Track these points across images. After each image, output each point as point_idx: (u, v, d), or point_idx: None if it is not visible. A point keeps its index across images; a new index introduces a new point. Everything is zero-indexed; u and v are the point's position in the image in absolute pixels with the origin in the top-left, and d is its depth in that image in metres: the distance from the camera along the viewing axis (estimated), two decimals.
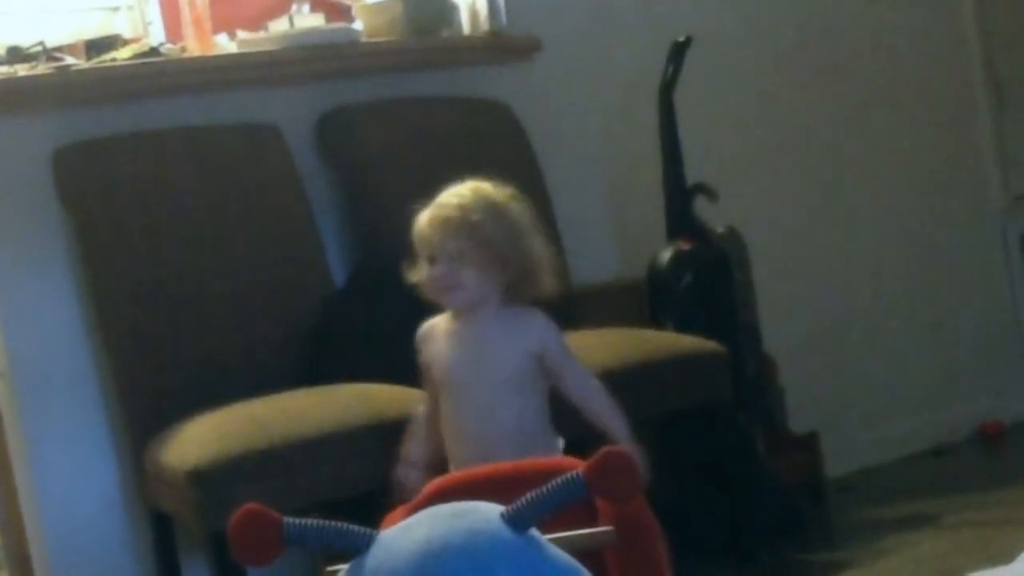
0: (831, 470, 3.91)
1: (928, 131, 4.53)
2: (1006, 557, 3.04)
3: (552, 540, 1.57)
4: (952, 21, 4.62)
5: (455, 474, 2.03)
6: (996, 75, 4.65)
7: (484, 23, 3.73)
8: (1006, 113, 4.66)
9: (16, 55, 3.15)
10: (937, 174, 4.54)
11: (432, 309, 2.67)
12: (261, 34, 3.49)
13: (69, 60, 3.18)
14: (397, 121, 3.52)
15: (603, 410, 2.65)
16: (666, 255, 3.59)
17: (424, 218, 2.56)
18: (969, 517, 3.48)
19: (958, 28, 4.63)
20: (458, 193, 2.56)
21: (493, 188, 2.57)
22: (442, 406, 2.62)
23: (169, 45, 3.35)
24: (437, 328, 2.62)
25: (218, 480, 2.67)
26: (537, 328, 2.61)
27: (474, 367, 2.56)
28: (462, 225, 2.51)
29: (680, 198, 3.66)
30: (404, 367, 2.75)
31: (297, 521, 1.50)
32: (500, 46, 3.74)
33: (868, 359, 4.33)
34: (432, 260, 2.54)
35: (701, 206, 3.68)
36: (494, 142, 3.61)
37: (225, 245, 3.17)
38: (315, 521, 1.51)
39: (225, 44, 3.43)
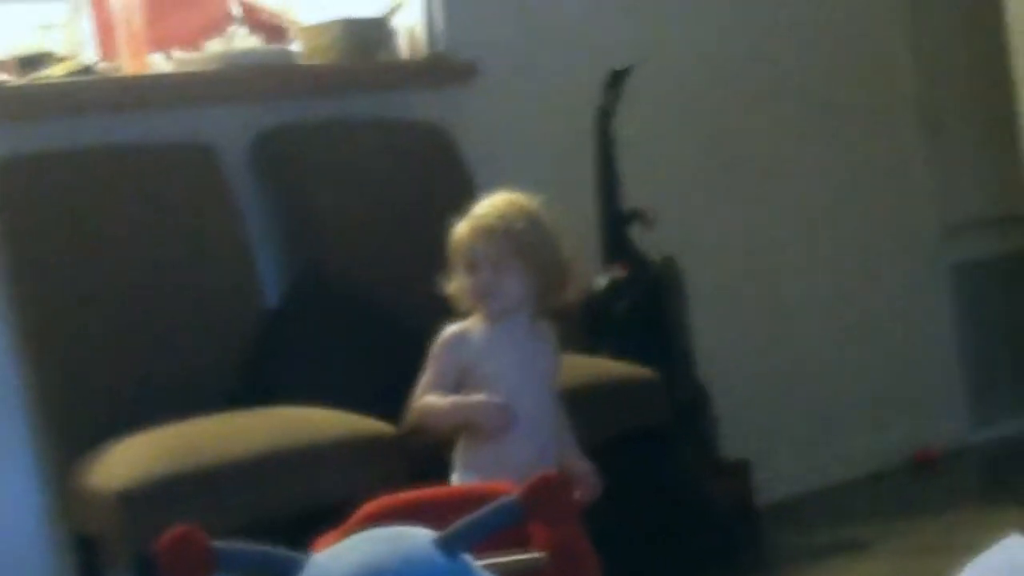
0: (763, 496, 3.92)
1: (863, 161, 4.57)
2: None
3: (485, 566, 1.56)
4: (887, 52, 4.67)
5: (388, 498, 2.01)
6: (930, 106, 4.70)
7: (423, 47, 3.73)
8: (940, 143, 4.70)
9: None
10: (872, 204, 4.58)
11: (362, 334, 2.66)
12: (197, 54, 3.47)
13: (1, 76, 3.14)
14: (333, 143, 3.50)
15: (564, 432, 2.70)
16: (602, 281, 3.60)
17: (464, 227, 2.59)
18: (901, 544, 3.50)
19: (893, 59, 4.68)
20: (494, 204, 2.60)
21: (526, 198, 2.62)
22: None
23: (103, 63, 3.32)
24: (471, 333, 2.62)
25: (147, 502, 2.63)
26: (555, 341, 2.68)
27: (522, 373, 2.59)
28: (505, 232, 2.55)
29: (616, 224, 3.67)
30: (338, 389, 2.74)
31: (227, 545, 1.48)
32: (438, 70, 3.74)
33: (801, 386, 4.35)
34: (472, 268, 2.57)
35: (637, 233, 3.69)
36: (431, 166, 3.60)
37: (157, 264, 3.14)
38: (246, 545, 1.49)
39: (160, 63, 3.40)
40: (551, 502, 1.57)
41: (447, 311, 3.46)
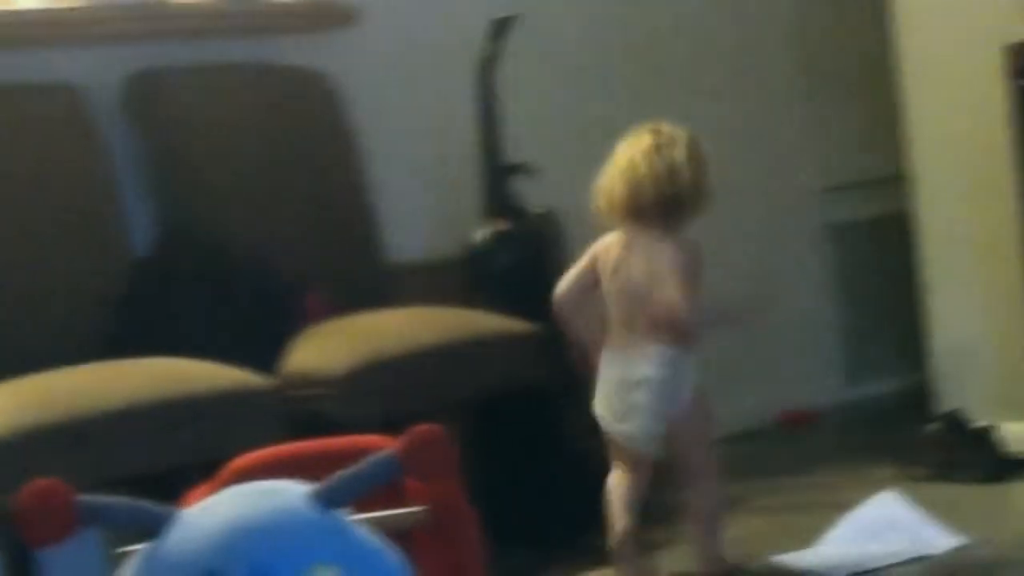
0: None
1: (742, 121, 4.58)
2: (810, 541, 3.09)
3: (362, 520, 1.53)
4: (768, 14, 4.68)
5: (262, 452, 1.97)
6: (809, 69, 4.73)
7: None
8: (817, 106, 4.74)
9: None
10: (751, 163, 4.60)
11: (235, 284, 2.61)
12: None
13: None
14: (209, 87, 3.43)
15: None
16: (483, 234, 3.57)
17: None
18: (774, 501, 3.52)
19: (774, 22, 4.70)
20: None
21: None
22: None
23: None
24: None
25: (11, 454, 2.55)
26: None
27: None
28: None
29: (498, 177, 3.63)
30: (209, 340, 2.68)
31: (93, 498, 1.43)
32: (318, 14, 3.67)
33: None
34: None
35: (520, 186, 3.65)
36: (310, 112, 3.54)
37: (20, 211, 3.04)
38: (112, 498, 1.45)
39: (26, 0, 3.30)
40: (429, 457, 1.55)
41: (322, 261, 3.43)
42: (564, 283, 2.99)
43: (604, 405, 2.91)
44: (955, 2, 3.62)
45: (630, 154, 3.01)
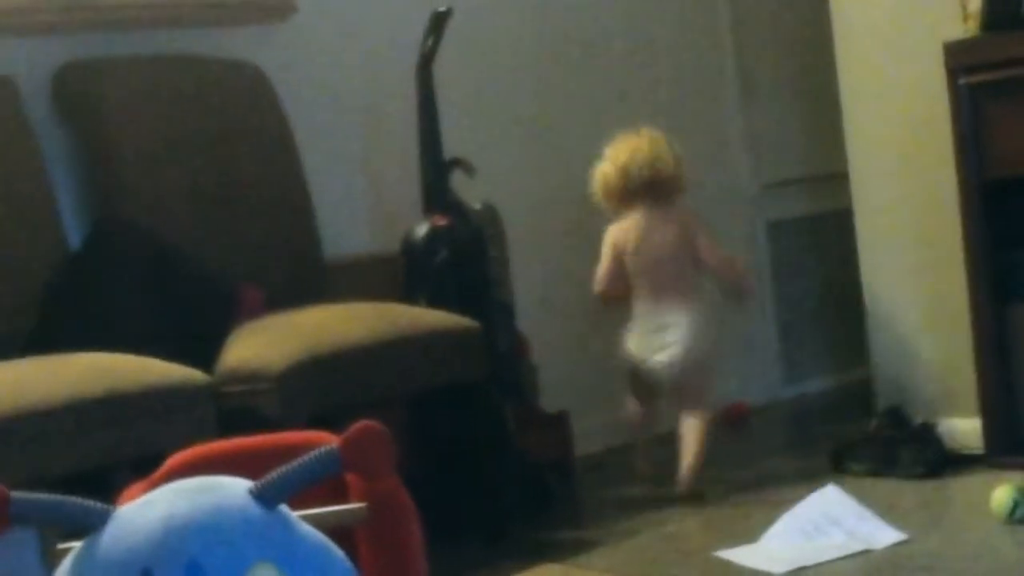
0: (580, 449, 3.92)
1: (683, 119, 4.57)
2: (751, 536, 3.09)
3: (302, 517, 1.50)
4: (708, 16, 4.69)
5: (200, 447, 1.93)
6: (747, 68, 4.74)
7: None
8: (756, 104, 4.75)
9: None
10: (691, 161, 4.59)
11: (166, 279, 2.56)
12: None
13: None
14: (141, 78, 3.37)
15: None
16: (421, 230, 3.54)
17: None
18: (715, 496, 3.52)
19: (712, 22, 4.70)
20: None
21: None
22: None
23: None
24: None
25: None
26: None
27: None
28: None
29: (437, 172, 3.61)
30: (142, 335, 2.63)
31: (25, 495, 1.39)
32: (254, 6, 3.63)
33: (617, 340, 4.34)
34: None
35: (458, 181, 3.63)
36: (244, 105, 3.50)
37: None
38: (45, 496, 1.40)
39: None
40: (370, 452, 1.52)
41: (257, 256, 3.38)
42: (601, 277, 3.68)
43: (638, 344, 3.61)
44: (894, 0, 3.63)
45: (617, 150, 3.62)
